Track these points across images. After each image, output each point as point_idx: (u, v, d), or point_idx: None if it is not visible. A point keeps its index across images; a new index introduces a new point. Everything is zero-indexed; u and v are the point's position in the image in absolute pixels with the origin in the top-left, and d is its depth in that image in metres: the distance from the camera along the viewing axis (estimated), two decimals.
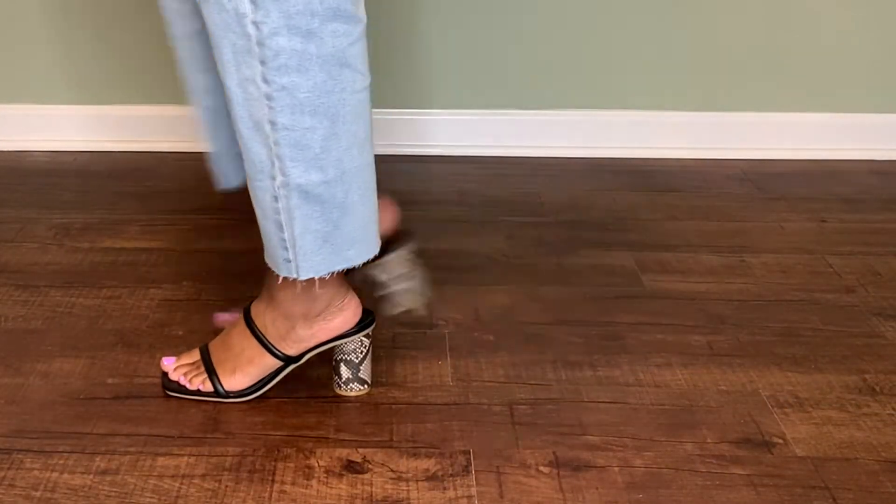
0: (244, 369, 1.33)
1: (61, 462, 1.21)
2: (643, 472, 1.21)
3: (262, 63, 1.12)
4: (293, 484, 1.17)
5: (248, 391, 1.33)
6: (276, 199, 1.19)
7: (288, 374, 1.39)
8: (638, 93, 2.27)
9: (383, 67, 2.25)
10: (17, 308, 1.57)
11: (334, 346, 1.34)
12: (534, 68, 2.25)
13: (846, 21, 2.23)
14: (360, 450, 1.24)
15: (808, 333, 1.54)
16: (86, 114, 2.26)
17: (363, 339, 1.34)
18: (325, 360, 1.43)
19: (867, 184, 2.17)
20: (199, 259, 1.74)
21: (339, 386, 1.36)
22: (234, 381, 1.33)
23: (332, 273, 1.24)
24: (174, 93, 2.25)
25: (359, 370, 1.35)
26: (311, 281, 1.25)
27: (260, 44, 1.11)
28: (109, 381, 1.38)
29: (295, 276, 1.23)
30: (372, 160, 1.23)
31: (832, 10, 2.23)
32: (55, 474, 1.18)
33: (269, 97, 1.13)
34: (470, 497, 1.16)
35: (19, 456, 1.22)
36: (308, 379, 1.39)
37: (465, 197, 2.06)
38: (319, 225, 1.20)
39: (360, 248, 1.25)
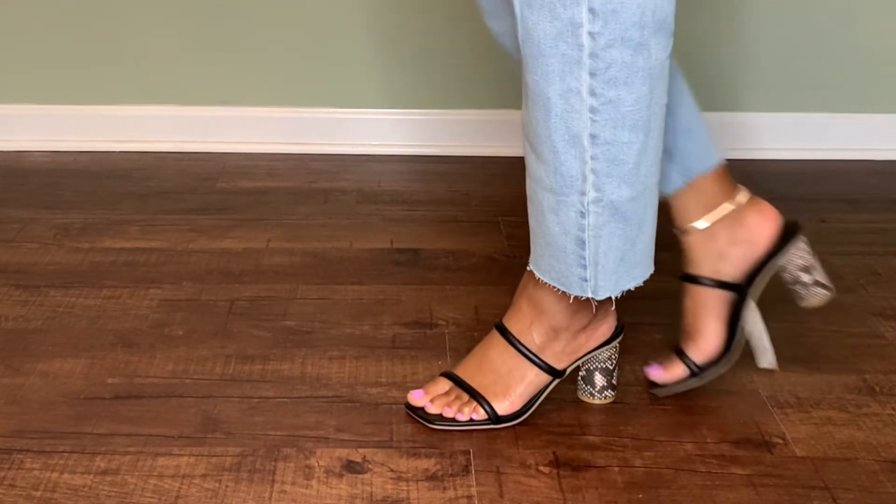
0: (514, 390, 1.26)
1: (61, 462, 1.21)
2: (643, 472, 1.21)
3: (592, 75, 1.09)
4: (293, 484, 1.17)
5: (521, 412, 1.27)
6: (582, 215, 1.15)
7: (287, 375, 1.39)
8: None
9: (394, 69, 2.26)
10: (17, 308, 1.57)
11: (588, 357, 1.30)
12: None
13: (846, 21, 2.23)
14: (360, 450, 1.24)
15: (808, 333, 1.53)
16: (86, 114, 2.26)
17: (617, 344, 1.31)
18: (322, 359, 1.43)
19: (867, 184, 2.17)
20: (199, 259, 1.74)
21: (593, 395, 1.32)
22: (507, 404, 1.26)
23: (623, 292, 1.21)
24: (174, 93, 2.26)
25: (612, 377, 1.32)
26: (605, 300, 1.21)
27: (593, 55, 1.08)
28: (109, 381, 1.38)
29: (591, 295, 1.19)
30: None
31: (832, 10, 2.22)
32: (55, 474, 1.18)
33: (593, 110, 1.10)
34: (470, 497, 1.16)
35: (19, 456, 1.22)
36: (308, 378, 1.39)
37: (465, 197, 2.06)
38: (620, 242, 1.17)
39: (645, 266, 1.22)
